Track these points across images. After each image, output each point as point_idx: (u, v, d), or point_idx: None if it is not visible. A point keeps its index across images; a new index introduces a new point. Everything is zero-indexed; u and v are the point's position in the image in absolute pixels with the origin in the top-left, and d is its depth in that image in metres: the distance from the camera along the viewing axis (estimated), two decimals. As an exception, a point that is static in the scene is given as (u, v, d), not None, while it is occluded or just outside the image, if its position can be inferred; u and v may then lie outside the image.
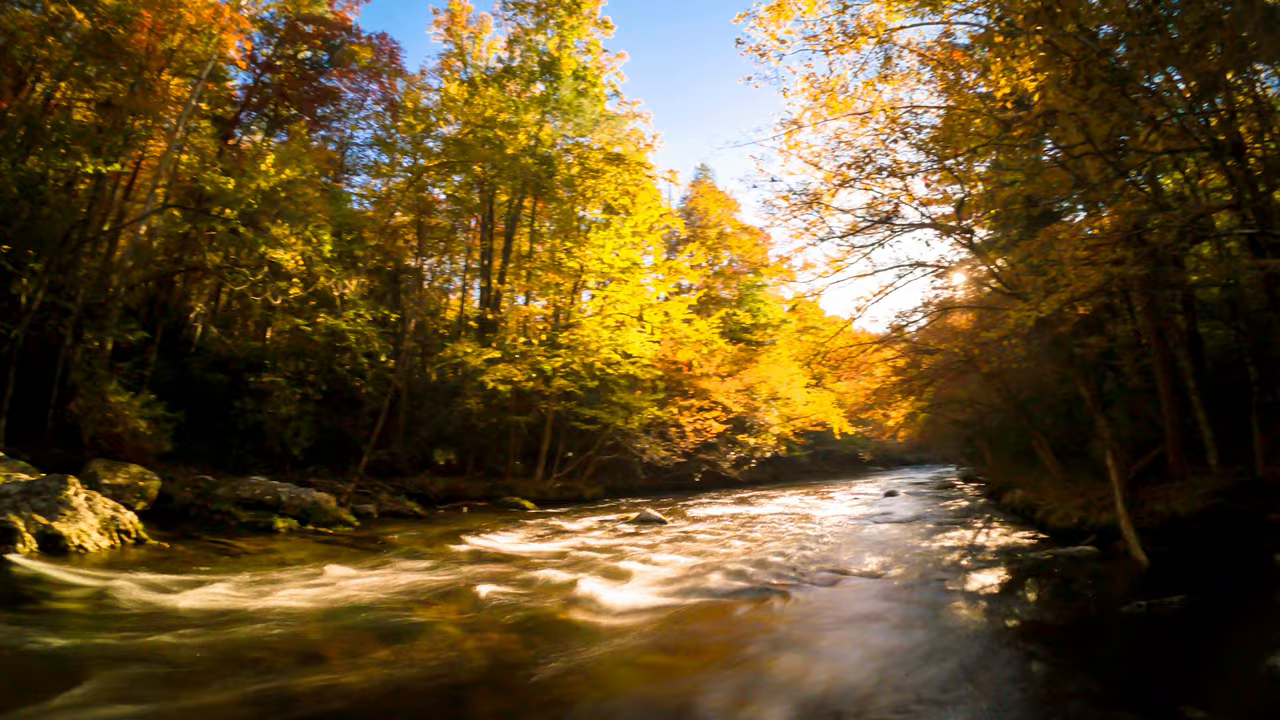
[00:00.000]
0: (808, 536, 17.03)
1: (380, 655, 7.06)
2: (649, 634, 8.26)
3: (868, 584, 11.14)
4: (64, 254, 19.84)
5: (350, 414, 24.27)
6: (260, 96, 28.13)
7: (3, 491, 12.11)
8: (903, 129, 15.33)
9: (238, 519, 16.23)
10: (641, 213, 30.46)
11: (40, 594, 8.75)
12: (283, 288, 21.89)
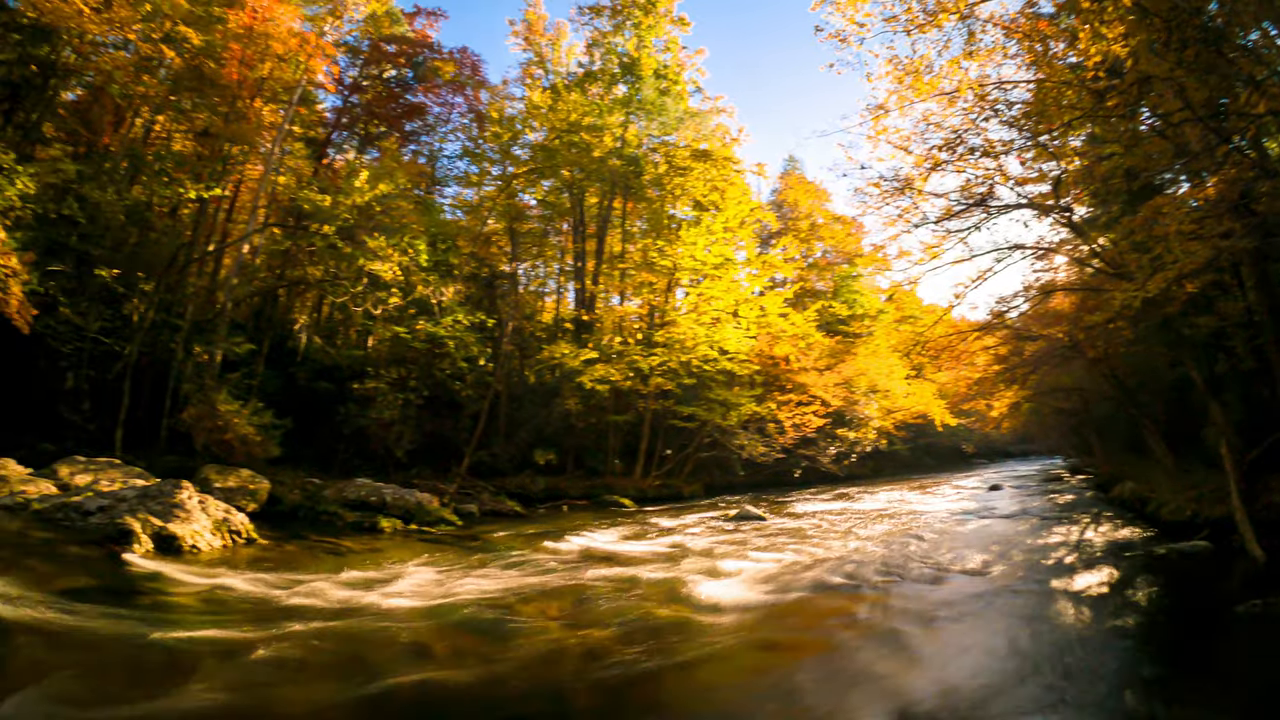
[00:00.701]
0: (909, 533, 16.48)
1: (482, 651, 7.13)
2: (746, 631, 8.18)
3: (970, 582, 10.74)
4: (172, 275, 20.58)
5: (451, 417, 24.34)
6: (350, 117, 28.71)
7: (120, 496, 12.49)
8: (992, 106, 14.67)
9: (344, 519, 16.43)
10: (731, 208, 29.67)
11: (155, 590, 8.93)
12: (382, 297, 22.16)
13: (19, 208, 16.85)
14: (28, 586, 8.07)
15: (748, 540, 15.25)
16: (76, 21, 20.12)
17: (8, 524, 11.68)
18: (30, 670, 5.93)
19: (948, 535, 15.95)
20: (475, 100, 32.98)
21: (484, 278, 28.43)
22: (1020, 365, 20.72)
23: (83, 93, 24.33)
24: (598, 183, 30.97)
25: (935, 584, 10.63)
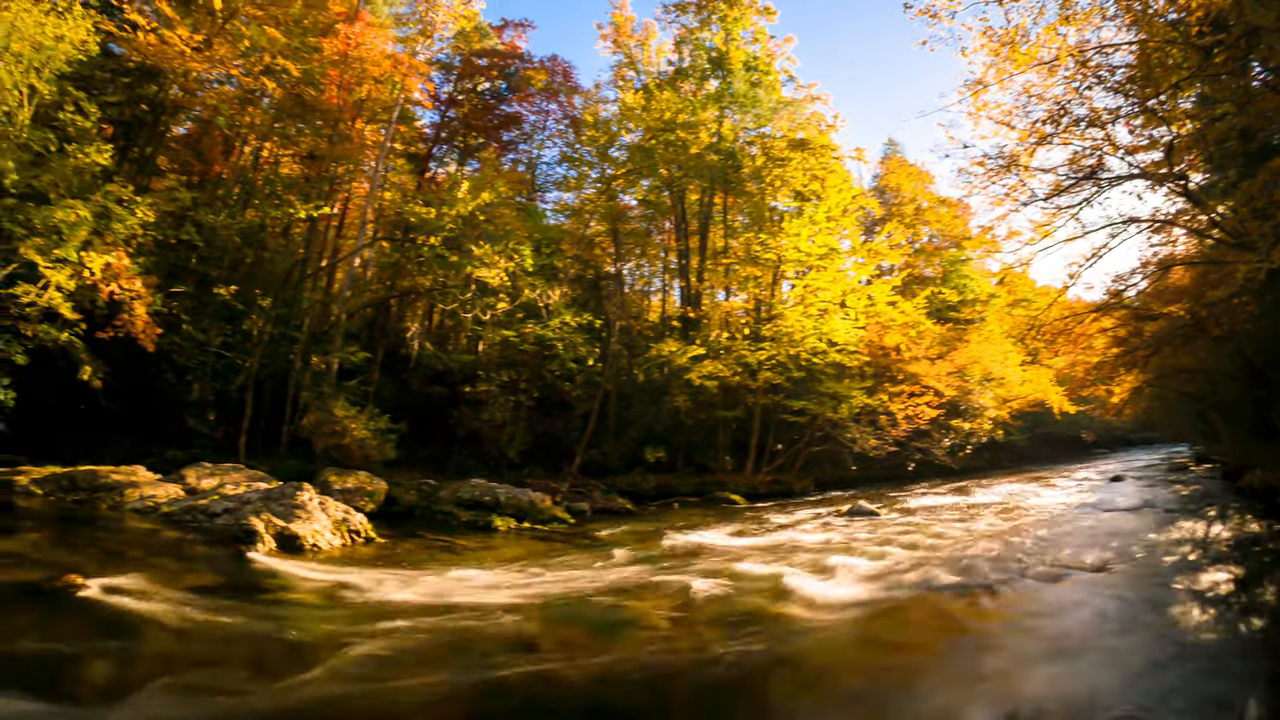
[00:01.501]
0: (1026, 528, 15.54)
1: (591, 646, 7.09)
2: (857, 630, 7.93)
3: (1090, 580, 10.01)
4: (287, 290, 21.45)
5: (562, 417, 24.33)
6: (448, 130, 29.08)
7: (245, 499, 13.02)
8: (1094, 73, 13.98)
9: (458, 518, 16.63)
10: (833, 196, 28.43)
11: (278, 587, 9.16)
12: (490, 303, 22.17)
13: (140, 236, 17.62)
14: (158, 583, 8.30)
15: (859, 536, 14.73)
16: (179, 62, 21.32)
17: (140, 526, 12.24)
18: (160, 661, 6.08)
19: (1066, 530, 15.06)
20: (569, 106, 33.01)
21: (589, 279, 28.24)
22: (1140, 347, 19.65)
23: (192, 126, 25.61)
24: (697, 179, 30.12)
25: (1053, 582, 9.99)
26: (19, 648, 6.19)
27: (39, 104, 17.22)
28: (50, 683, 5.42)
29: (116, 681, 5.61)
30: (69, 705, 5.12)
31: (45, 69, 17.18)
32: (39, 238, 15.86)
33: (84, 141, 17.45)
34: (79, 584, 7.88)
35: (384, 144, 24.01)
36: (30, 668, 5.74)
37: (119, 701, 5.23)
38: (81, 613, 7.16)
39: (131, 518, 12.92)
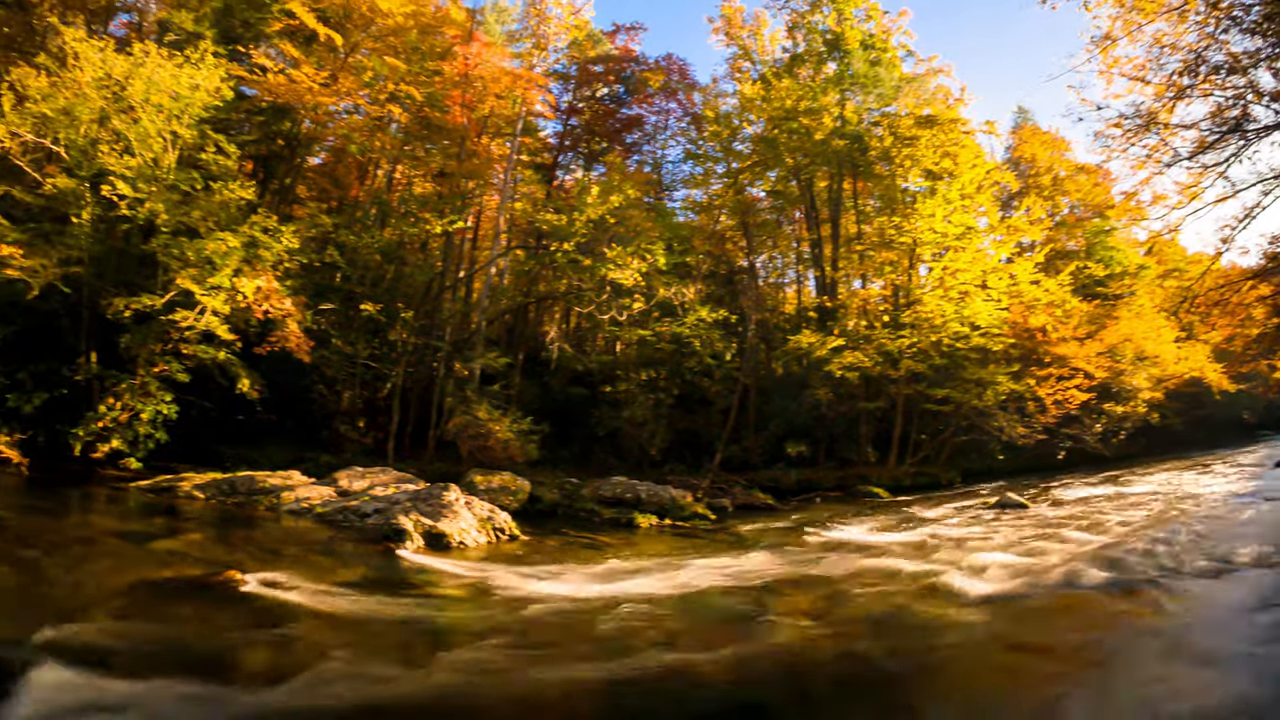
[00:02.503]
0: (1184, 519, 14.63)
1: (730, 642, 6.99)
2: (1003, 630, 7.62)
3: (1256, 576, 9.39)
4: (428, 302, 22.22)
5: (702, 413, 24.05)
6: (572, 138, 29.22)
7: (394, 499, 13.56)
8: (1227, 14, 12.89)
9: (600, 516, 16.82)
10: (966, 172, 26.73)
11: (425, 582, 9.43)
12: (626, 304, 22.03)
13: (287, 260, 18.69)
14: (312, 579, 8.72)
15: (1007, 530, 14.22)
16: (309, 97, 22.59)
17: (295, 526, 12.99)
18: (314, 650, 6.31)
19: (1225, 522, 14.15)
20: (689, 103, 32.60)
21: (723, 274, 27.71)
22: (1305, 315, 17.28)
23: (326, 155, 26.97)
24: (824, 166, 28.90)
25: (1214, 579, 9.36)
26: (185, 637, 6.55)
27: (182, 148, 18.65)
28: (213, 668, 5.70)
29: (272, 667, 5.91)
30: (229, 688, 5.37)
31: (185, 115, 18.49)
32: (193, 268, 16.97)
33: (228, 178, 18.54)
34: (239, 579, 8.30)
35: (510, 156, 24.67)
36: (195, 654, 6.06)
37: (274, 685, 5.47)
38: (241, 605, 7.58)
39: (287, 518, 13.64)
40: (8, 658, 5.42)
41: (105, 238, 18.64)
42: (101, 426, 17.48)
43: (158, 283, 17.48)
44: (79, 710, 4.83)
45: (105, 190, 17.38)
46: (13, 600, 7.35)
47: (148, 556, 9.79)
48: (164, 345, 17.81)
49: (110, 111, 18.20)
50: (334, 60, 23.96)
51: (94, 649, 5.91)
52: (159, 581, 8.40)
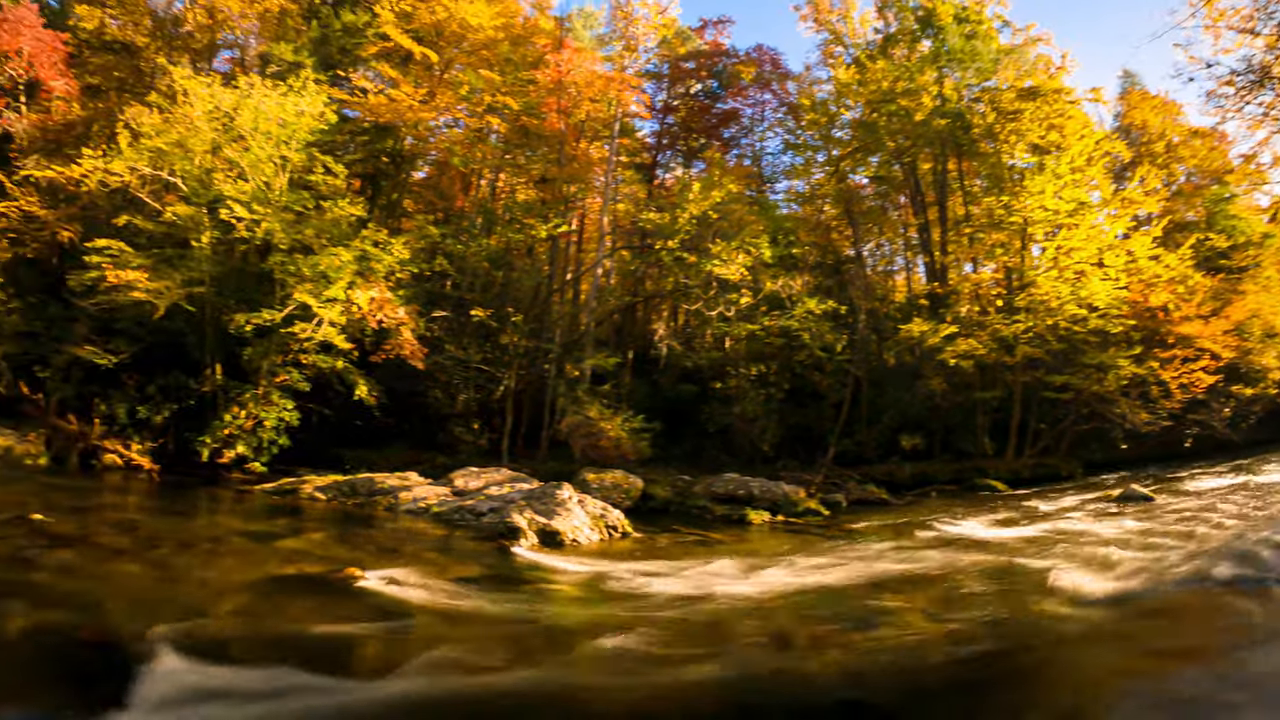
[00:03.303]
0: None
1: (842, 641, 6.93)
2: (1128, 629, 7.29)
3: None
4: (537, 306, 22.82)
5: (814, 407, 23.66)
6: (669, 136, 29.24)
7: (508, 498, 13.91)
8: None
9: (712, 513, 16.86)
10: (1074, 144, 25.35)
11: (538, 579, 9.62)
12: (733, 299, 21.92)
13: (398, 271, 19.55)
14: (428, 575, 8.98)
15: (1131, 524, 13.52)
16: (409, 115, 23.46)
17: (412, 525, 13.49)
18: (428, 643, 6.46)
19: None
20: (783, 93, 32.09)
21: (830, 265, 27.11)
22: None
23: (430, 169, 27.98)
24: (927, 147, 28.01)
25: None
26: (305, 630, 6.83)
27: (292, 171, 19.66)
28: (330, 659, 5.94)
29: (387, 659, 6.12)
30: (345, 678, 5.61)
31: (292, 141, 19.46)
32: (309, 283, 17.83)
33: (337, 197, 19.61)
34: (358, 575, 8.63)
35: (610, 158, 24.95)
36: (313, 646, 6.33)
37: (390, 675, 5.66)
38: (359, 600, 7.90)
39: (405, 518, 14.17)
40: (139, 648, 5.69)
41: (224, 258, 19.76)
42: (227, 434, 18.60)
43: (276, 298, 18.36)
44: (204, 697, 5.06)
45: (223, 214, 18.17)
46: (144, 595, 7.78)
47: (271, 554, 10.35)
48: (284, 356, 18.81)
49: (222, 141, 19.28)
50: (430, 77, 24.61)
51: (219, 640, 6.24)
52: (282, 578, 8.83)
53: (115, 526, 11.61)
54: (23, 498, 12.97)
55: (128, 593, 7.87)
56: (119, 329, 19.55)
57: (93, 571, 8.57)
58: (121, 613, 6.98)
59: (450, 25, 24.70)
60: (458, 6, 24.32)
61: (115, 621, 6.66)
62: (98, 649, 5.96)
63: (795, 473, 20.73)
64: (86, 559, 9.08)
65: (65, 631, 6.34)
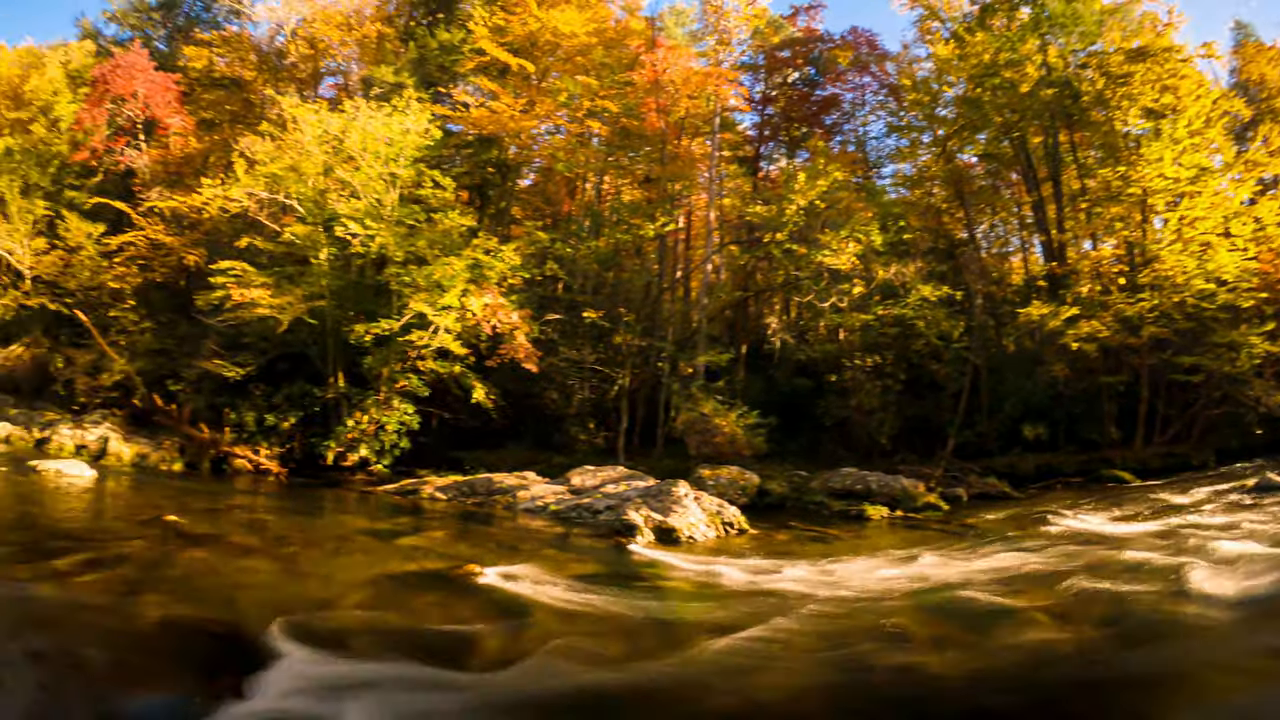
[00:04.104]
0: None
1: (962, 641, 6.88)
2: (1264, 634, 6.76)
3: None
4: (648, 305, 23.06)
5: (932, 398, 22.96)
6: (770, 128, 28.97)
7: (625, 496, 14.13)
8: None
9: (830, 508, 16.71)
10: (1190, 106, 23.84)
11: (654, 575, 9.69)
12: (845, 289, 21.62)
13: (510, 277, 20.10)
14: (545, 572, 9.13)
15: (1269, 517, 12.81)
16: (511, 125, 24.07)
17: (530, 523, 13.88)
18: (544, 638, 6.54)
19: None
20: (882, 74, 31.22)
21: (942, 249, 26.23)
22: None
23: (535, 176, 28.79)
24: (1035, 120, 26.83)
25: None
26: (424, 624, 7.10)
27: (402, 186, 20.35)
28: (448, 652, 6.13)
29: (503, 653, 6.20)
30: (461, 671, 5.74)
31: (400, 158, 20.17)
32: (424, 292, 18.43)
33: (447, 209, 20.27)
34: (477, 572, 8.88)
35: (712, 154, 24.89)
36: (432, 640, 6.53)
37: (506, 669, 5.80)
38: (478, 596, 8.14)
39: (523, 516, 14.60)
40: (266, 640, 5.95)
41: (342, 273, 20.52)
42: (350, 438, 19.42)
43: (393, 308, 19.11)
44: (326, 687, 5.26)
45: (339, 231, 18.77)
46: (271, 590, 8.16)
47: (393, 552, 10.76)
48: (403, 363, 19.49)
49: (332, 163, 20.11)
50: (529, 87, 25.16)
51: (342, 633, 6.49)
52: (403, 574, 9.08)
53: (245, 526, 12.44)
54: (159, 501, 13.95)
55: (256, 588, 8.27)
56: (245, 343, 20.74)
57: (223, 568, 9.03)
58: (250, 606, 7.34)
59: (543, 35, 25.12)
60: (549, 16, 24.72)
61: (244, 614, 6.99)
62: (227, 640, 6.31)
63: (914, 466, 20.27)
64: (218, 557, 9.58)
65: (197, 623, 6.74)
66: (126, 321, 24.01)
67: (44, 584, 7.53)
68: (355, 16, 28.58)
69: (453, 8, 28.65)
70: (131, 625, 6.58)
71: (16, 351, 26.30)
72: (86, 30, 39.64)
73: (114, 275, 24.76)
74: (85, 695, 5.02)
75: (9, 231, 26.45)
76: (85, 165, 28.12)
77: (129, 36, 35.07)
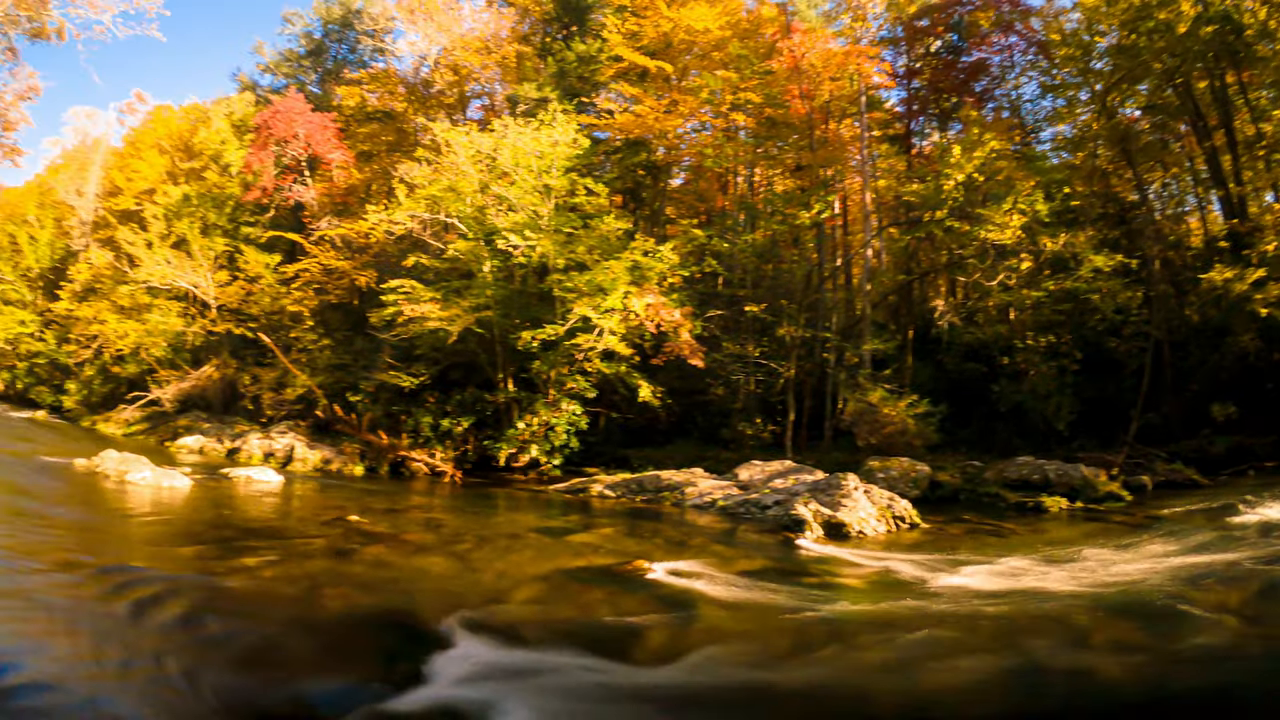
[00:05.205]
0: None
1: (1144, 642, 6.54)
2: None
3: None
4: (809, 294, 22.61)
5: (1111, 378, 21.40)
6: (918, 102, 28.01)
7: (793, 491, 14.08)
8: None
9: (1005, 500, 16.08)
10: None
11: (823, 572, 9.55)
12: (1012, 265, 20.73)
13: (670, 276, 20.40)
14: (714, 567, 9.26)
15: None
16: (657, 126, 24.44)
17: (698, 520, 13.99)
18: (711, 634, 6.72)
19: None
20: (1029, 32, 29.33)
21: (1112, 215, 24.49)
22: None
23: (686, 174, 28.90)
24: (1198, 62, 24.66)
25: None
26: (592, 618, 7.34)
27: (557, 196, 21.05)
28: (614, 645, 6.24)
29: (668, 648, 6.32)
30: (626, 664, 5.90)
31: (552, 169, 20.83)
32: (587, 297, 18.96)
33: (602, 214, 20.66)
34: (645, 568, 9.09)
35: (861, 135, 24.42)
36: (599, 633, 6.67)
37: (668, 664, 5.91)
38: (646, 591, 8.28)
39: (690, 513, 14.73)
40: (440, 630, 6.34)
41: (505, 283, 21.55)
42: (521, 440, 20.26)
43: (557, 313, 19.81)
44: (496, 674, 5.54)
45: (500, 244, 19.43)
46: (446, 584, 8.61)
47: (563, 549, 11.11)
48: (570, 366, 20.17)
49: (488, 180, 21.12)
50: (669, 88, 25.65)
51: (512, 625, 6.76)
52: (572, 570, 9.40)
53: (421, 525, 13.03)
54: (342, 503, 15.03)
55: (431, 582, 8.72)
56: (418, 355, 22.30)
57: (401, 564, 9.56)
58: (425, 599, 7.78)
59: (677, 34, 25.42)
60: (680, 15, 25.00)
61: (420, 607, 7.45)
62: (404, 630, 6.68)
63: (1094, 453, 19.05)
64: (396, 553, 10.12)
65: (376, 614, 7.23)
66: (306, 341, 26.06)
67: (236, 577, 8.25)
68: (493, 40, 29.89)
69: (585, 20, 29.40)
70: (315, 615, 7.18)
71: (207, 372, 28.85)
72: (244, 83, 43.38)
73: (292, 300, 26.87)
74: (272, 677, 5.46)
75: (194, 268, 28.98)
76: (257, 203, 30.67)
77: (284, 84, 38.13)
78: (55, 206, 46.02)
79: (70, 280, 36.51)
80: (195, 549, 9.72)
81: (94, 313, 31.43)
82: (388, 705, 4.81)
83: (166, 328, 29.78)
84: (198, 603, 6.99)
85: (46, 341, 39.17)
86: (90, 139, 50.47)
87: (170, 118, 43.66)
